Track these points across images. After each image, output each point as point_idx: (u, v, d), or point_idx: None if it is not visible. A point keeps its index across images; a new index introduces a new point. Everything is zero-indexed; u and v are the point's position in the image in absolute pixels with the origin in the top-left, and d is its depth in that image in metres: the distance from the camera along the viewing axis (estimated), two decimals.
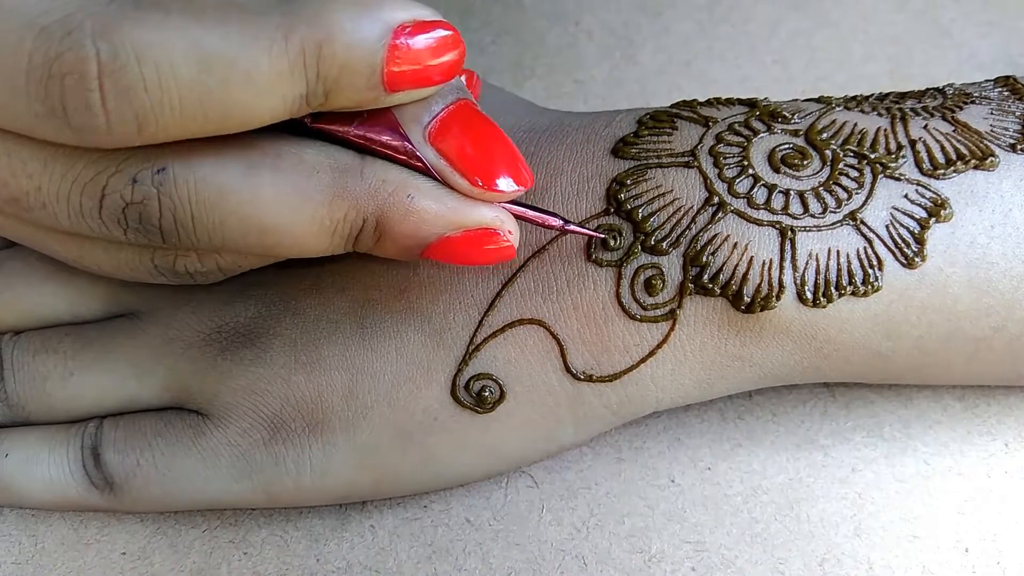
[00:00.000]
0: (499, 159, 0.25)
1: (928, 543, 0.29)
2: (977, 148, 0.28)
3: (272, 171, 0.23)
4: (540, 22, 0.43)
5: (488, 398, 0.28)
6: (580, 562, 0.29)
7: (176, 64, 0.20)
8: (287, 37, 0.21)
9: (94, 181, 0.23)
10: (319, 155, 0.24)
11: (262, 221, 0.23)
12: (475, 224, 0.25)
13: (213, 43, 0.21)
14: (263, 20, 0.21)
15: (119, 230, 0.24)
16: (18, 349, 0.30)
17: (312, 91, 0.22)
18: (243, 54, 0.21)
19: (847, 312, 0.27)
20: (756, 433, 0.32)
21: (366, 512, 0.31)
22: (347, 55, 0.21)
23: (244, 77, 0.21)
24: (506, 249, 0.25)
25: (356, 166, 0.24)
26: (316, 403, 0.28)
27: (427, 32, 0.22)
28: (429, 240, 0.25)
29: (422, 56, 0.22)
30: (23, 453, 0.29)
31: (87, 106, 0.21)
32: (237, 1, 0.21)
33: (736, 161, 0.28)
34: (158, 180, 0.23)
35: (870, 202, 0.27)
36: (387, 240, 0.25)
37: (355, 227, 0.24)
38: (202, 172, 0.23)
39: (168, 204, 0.23)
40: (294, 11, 0.21)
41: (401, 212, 0.24)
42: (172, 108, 0.21)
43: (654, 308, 0.27)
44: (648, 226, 0.27)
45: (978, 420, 0.32)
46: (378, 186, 0.24)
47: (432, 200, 0.24)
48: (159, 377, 0.29)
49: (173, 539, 0.30)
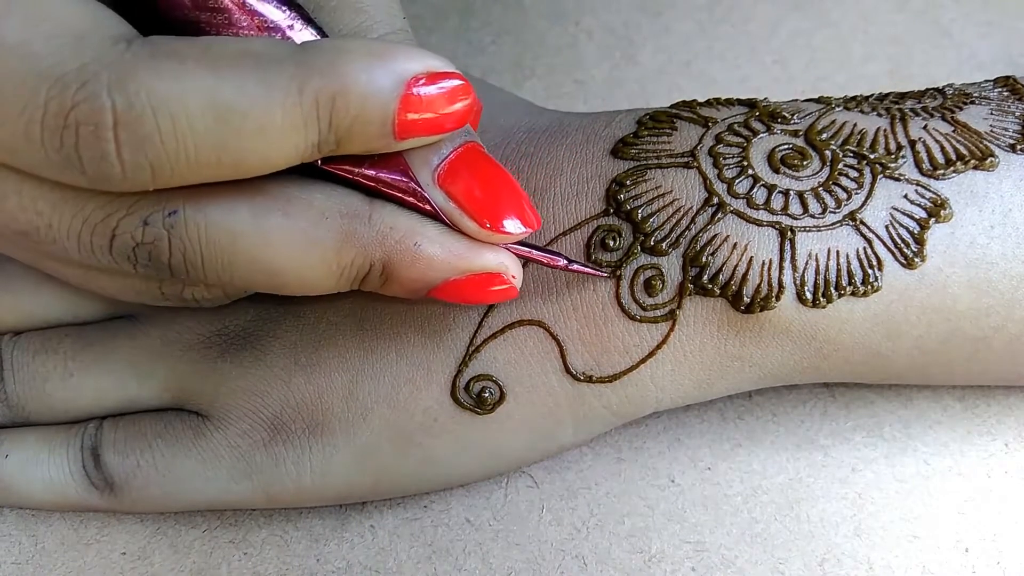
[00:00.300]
0: (506, 201, 0.25)
1: (928, 543, 0.29)
2: (977, 148, 0.28)
3: (282, 215, 0.23)
4: (540, 22, 0.43)
5: (488, 399, 0.28)
6: (580, 562, 0.29)
7: (192, 115, 0.21)
8: (301, 89, 0.21)
9: (105, 222, 0.23)
10: (328, 200, 0.24)
11: (271, 264, 0.24)
12: (480, 269, 0.25)
13: (228, 94, 0.21)
14: (278, 70, 0.21)
15: (128, 265, 0.24)
16: (18, 350, 0.30)
17: (324, 139, 0.22)
18: (258, 106, 0.21)
19: (847, 312, 0.27)
20: (756, 433, 0.32)
21: (366, 512, 0.31)
22: (361, 106, 0.22)
23: (258, 128, 0.21)
24: (508, 291, 0.26)
25: (365, 212, 0.24)
26: (316, 404, 0.28)
27: (439, 83, 0.23)
28: (435, 284, 0.25)
29: (434, 105, 0.23)
30: (23, 454, 0.29)
31: (102, 156, 0.21)
32: (253, 50, 0.21)
33: (736, 161, 0.28)
34: (169, 223, 0.23)
35: (870, 202, 0.27)
36: (393, 283, 0.25)
37: (362, 271, 0.24)
38: (213, 215, 0.23)
39: (178, 245, 0.23)
40: (309, 61, 0.21)
41: (408, 258, 0.24)
42: (187, 157, 0.21)
43: (654, 308, 0.27)
44: (648, 226, 0.27)
45: (978, 420, 0.32)
46: (386, 232, 0.24)
47: (439, 247, 0.24)
48: (159, 378, 0.29)
49: (173, 539, 0.30)
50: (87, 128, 0.20)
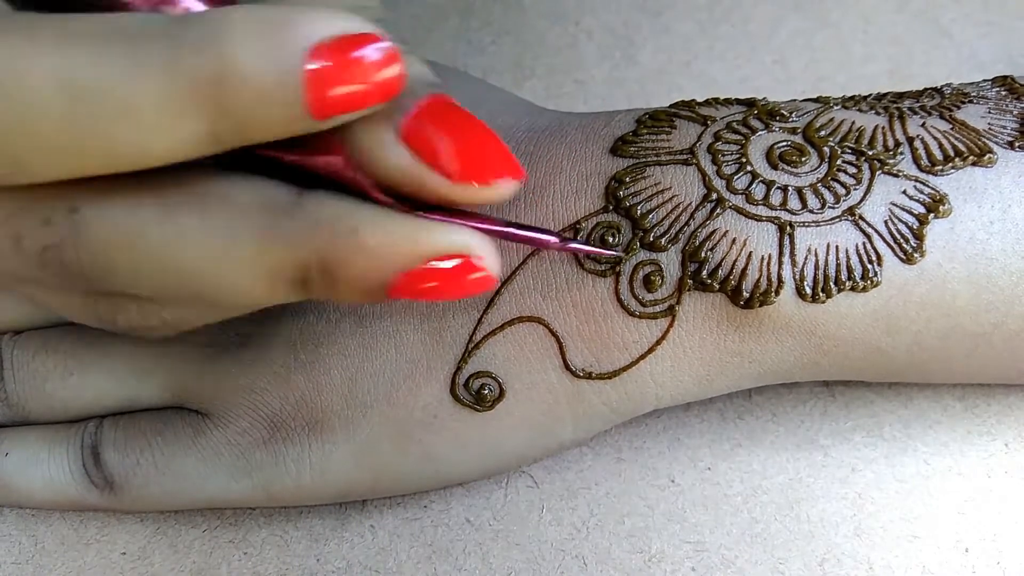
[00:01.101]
0: (488, 153, 0.21)
1: (928, 543, 0.29)
2: (975, 145, 0.28)
3: (193, 212, 0.21)
4: (540, 22, 0.44)
5: (488, 396, 0.28)
6: (580, 562, 0.29)
7: (42, 95, 0.18)
8: (173, 67, 0.18)
9: (8, 223, 0.21)
10: (249, 193, 0.21)
11: (184, 268, 0.21)
12: (438, 251, 0.21)
13: (79, 71, 0.18)
14: (145, 47, 0.18)
15: (46, 273, 0.21)
16: (18, 349, 0.30)
17: (220, 128, 0.19)
18: (116, 85, 0.18)
19: (846, 307, 0.27)
20: (756, 433, 0.32)
21: (366, 512, 0.31)
22: (255, 87, 0.18)
23: (121, 111, 0.18)
24: (482, 279, 0.22)
25: (288, 204, 0.21)
26: (315, 402, 0.28)
27: (355, 48, 0.19)
28: (388, 278, 0.21)
29: (352, 76, 0.19)
30: (23, 453, 0.29)
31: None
32: (121, 25, 0.18)
33: (734, 158, 0.28)
34: (72, 220, 0.21)
35: (868, 198, 0.27)
36: (339, 283, 0.21)
37: (296, 274, 0.21)
38: (116, 212, 0.21)
39: (85, 246, 0.21)
40: (181, 35, 0.18)
41: (345, 252, 0.21)
42: (46, 143, 0.19)
43: (653, 305, 0.27)
44: (647, 223, 0.27)
45: (978, 420, 0.32)
46: (314, 224, 0.21)
47: (381, 231, 0.21)
48: (159, 377, 0.29)
49: (173, 539, 0.30)
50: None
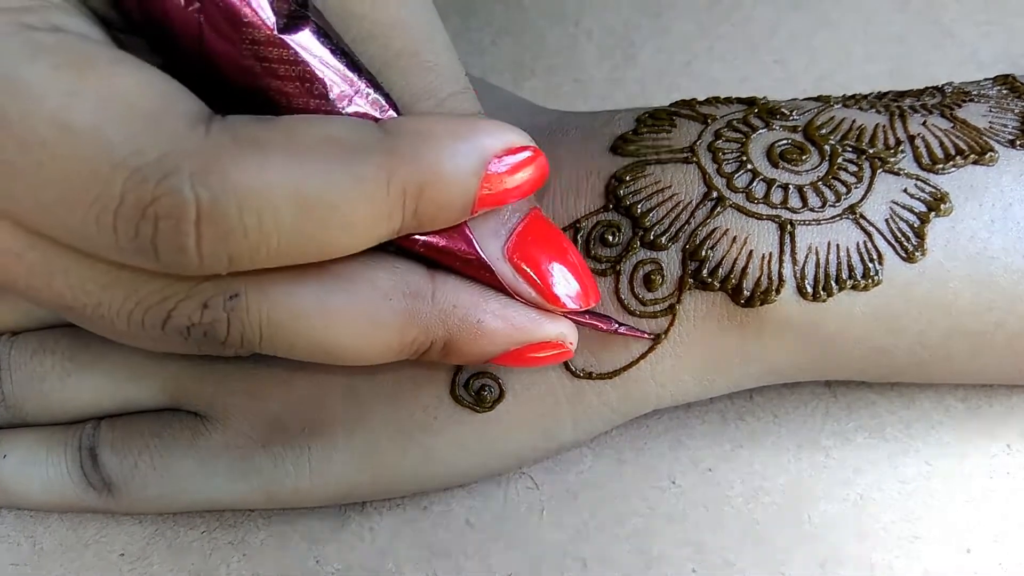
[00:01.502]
0: (573, 275, 0.25)
1: (930, 544, 0.29)
2: (976, 144, 0.28)
3: (346, 296, 0.23)
4: (540, 22, 0.43)
5: (487, 396, 0.28)
6: (581, 564, 0.29)
7: (278, 210, 0.20)
8: (390, 180, 0.20)
9: (161, 305, 0.22)
10: (392, 279, 0.23)
11: (333, 344, 0.23)
12: (541, 340, 0.25)
13: (316, 188, 0.20)
14: (364, 159, 0.20)
15: (179, 340, 0.23)
16: (16, 350, 0.30)
17: (406, 225, 0.22)
18: (347, 199, 0.20)
19: (847, 306, 0.27)
20: (757, 434, 0.32)
21: (365, 513, 0.31)
22: (447, 194, 0.21)
23: (344, 221, 0.20)
24: (564, 354, 0.26)
25: (428, 291, 0.24)
26: (315, 403, 0.28)
27: (515, 156, 0.22)
28: (495, 355, 0.25)
29: (511, 179, 0.22)
30: (21, 454, 0.29)
31: (180, 248, 0.20)
32: (336, 136, 0.20)
33: (735, 156, 0.28)
34: (230, 306, 0.22)
35: (869, 196, 0.27)
36: (453, 356, 0.25)
37: (422, 348, 0.24)
38: (276, 297, 0.22)
39: (237, 327, 0.22)
40: (395, 148, 0.21)
41: (470, 335, 0.24)
42: (268, 249, 0.20)
43: (653, 303, 0.27)
44: (647, 221, 0.27)
45: (980, 421, 0.32)
46: (449, 311, 0.24)
47: (501, 321, 0.24)
48: (157, 379, 0.29)
49: (172, 540, 0.30)
50: (167, 222, 0.19)
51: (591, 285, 0.25)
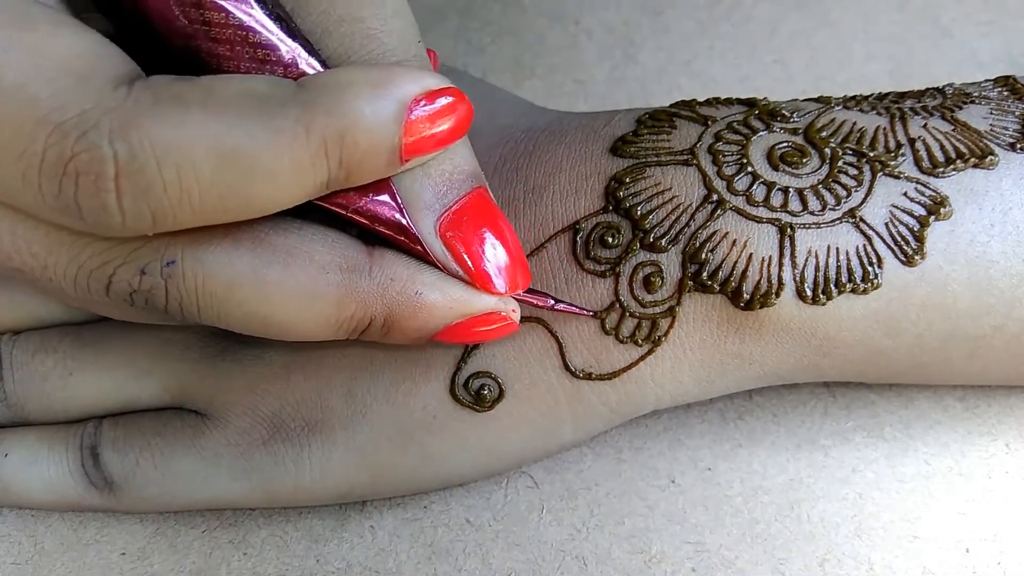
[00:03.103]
0: (503, 260, 0.25)
1: (929, 543, 0.29)
2: (976, 147, 0.28)
3: (282, 268, 0.23)
4: (540, 22, 0.43)
5: (487, 396, 0.28)
6: (580, 563, 0.29)
7: (197, 163, 0.20)
8: (308, 130, 0.21)
9: (101, 269, 0.22)
10: (329, 253, 0.23)
11: (268, 316, 0.23)
12: (481, 312, 0.25)
13: (235, 140, 0.20)
14: (283, 112, 0.20)
15: (125, 306, 0.23)
16: (17, 349, 0.30)
17: (334, 177, 0.22)
18: (266, 151, 0.20)
19: (847, 309, 0.27)
20: (756, 434, 0.32)
21: (366, 512, 0.31)
22: (369, 140, 0.21)
23: (266, 173, 0.21)
24: (509, 326, 0.26)
25: (365, 265, 0.24)
26: (315, 402, 0.28)
27: (436, 100, 0.22)
28: (436, 330, 0.25)
29: (434, 124, 0.22)
30: (22, 453, 0.29)
31: (103, 206, 0.20)
32: (256, 90, 0.21)
33: (735, 159, 0.28)
34: (166, 272, 0.22)
35: (869, 200, 0.27)
36: (395, 333, 0.25)
37: (362, 324, 0.24)
38: (211, 266, 0.22)
39: (175, 295, 0.23)
40: (312, 100, 0.21)
41: (409, 309, 0.24)
42: (191, 204, 0.20)
43: (653, 305, 0.27)
44: (647, 223, 0.27)
45: (979, 420, 0.32)
46: (386, 285, 0.24)
47: (439, 293, 0.24)
48: (158, 377, 0.29)
49: (173, 540, 0.30)
50: (87, 178, 0.20)
51: (523, 270, 0.25)
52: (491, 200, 0.25)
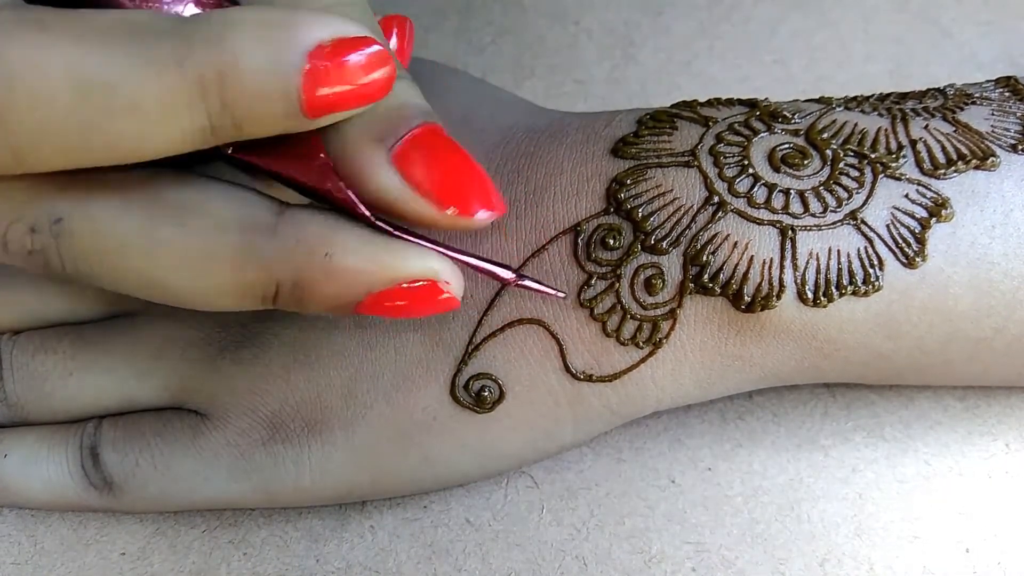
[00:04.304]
0: (471, 184, 0.22)
1: (929, 543, 0.29)
2: (978, 148, 0.28)
3: (175, 227, 0.21)
4: (540, 22, 0.43)
5: (487, 398, 0.28)
6: (580, 563, 0.29)
7: (53, 89, 0.19)
8: (181, 63, 0.19)
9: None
10: (230, 211, 0.22)
11: (162, 279, 0.22)
12: (405, 277, 0.22)
13: (93, 67, 0.19)
14: (154, 43, 0.19)
15: (33, 268, 0.22)
16: (17, 349, 0.30)
17: (218, 123, 0.20)
18: (127, 81, 0.19)
19: (848, 312, 0.27)
20: (756, 434, 0.32)
21: (366, 512, 0.31)
22: (256, 83, 0.19)
23: (129, 106, 0.19)
24: (446, 301, 0.23)
25: (269, 224, 0.22)
26: (315, 403, 0.28)
27: (350, 51, 0.20)
28: (357, 299, 0.23)
29: (347, 77, 0.20)
30: (22, 453, 0.29)
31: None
32: (131, 20, 0.19)
33: (736, 160, 0.28)
34: (55, 230, 0.21)
35: (871, 201, 0.27)
36: (309, 302, 0.22)
37: (268, 291, 0.22)
38: (101, 224, 0.21)
39: (67, 253, 0.22)
40: (192, 33, 0.19)
41: (320, 274, 0.22)
42: (50, 137, 0.19)
43: (654, 308, 0.27)
44: (648, 225, 0.27)
45: (979, 421, 0.32)
46: (292, 246, 0.22)
47: (354, 256, 0.22)
48: (158, 377, 0.29)
49: (172, 540, 0.30)
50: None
51: (495, 196, 0.23)
52: (446, 134, 0.23)
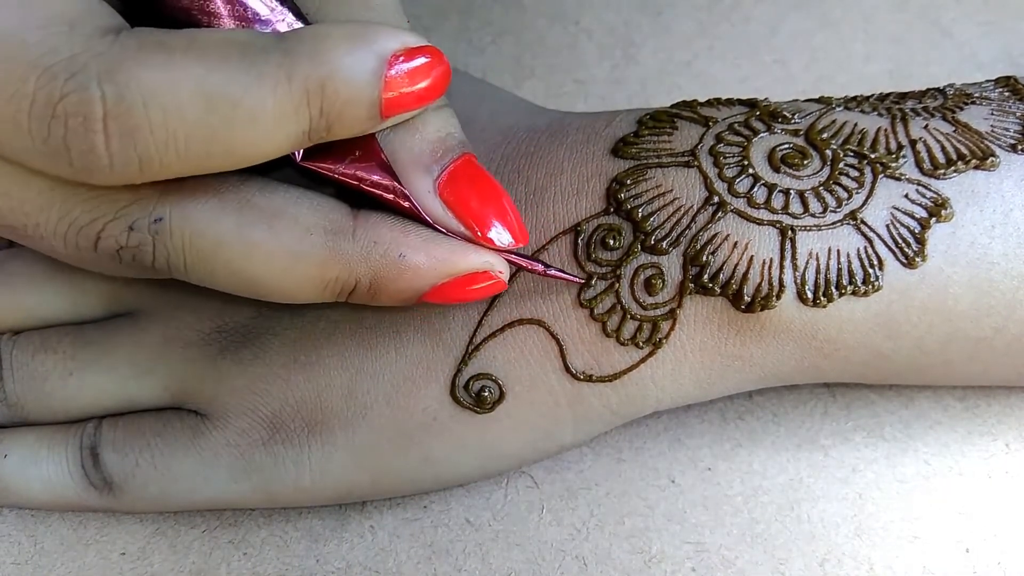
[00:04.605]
0: (499, 214, 0.25)
1: (929, 543, 0.29)
2: (978, 148, 0.28)
3: (267, 229, 0.23)
4: (540, 22, 0.43)
5: (487, 398, 0.28)
6: (580, 562, 0.29)
7: (182, 105, 0.21)
8: (290, 76, 0.21)
9: (91, 226, 0.23)
10: (314, 215, 0.24)
11: (253, 276, 0.24)
12: (467, 271, 0.25)
13: (218, 84, 0.21)
14: (264, 59, 0.21)
15: (113, 263, 0.24)
16: (17, 349, 0.30)
17: (315, 127, 0.22)
18: (248, 95, 0.21)
19: (847, 312, 0.27)
20: (756, 433, 0.32)
21: (366, 512, 0.31)
22: (349, 90, 0.22)
23: (249, 117, 0.21)
24: (496, 284, 0.26)
25: (349, 227, 0.24)
26: (315, 403, 0.28)
27: (416, 58, 0.23)
28: (423, 291, 0.25)
29: (413, 81, 0.23)
30: (22, 453, 0.29)
31: (91, 148, 0.21)
32: (238, 40, 0.21)
33: (736, 161, 0.28)
34: (154, 229, 0.23)
35: (870, 202, 0.27)
36: (382, 295, 0.25)
37: (347, 286, 0.25)
38: (198, 224, 0.23)
39: (162, 251, 0.23)
40: (294, 48, 0.21)
41: (394, 271, 0.25)
42: (176, 148, 0.21)
43: (654, 308, 0.27)
44: (648, 225, 0.27)
45: (979, 420, 0.32)
46: (370, 248, 0.24)
47: (423, 255, 0.25)
48: (158, 377, 0.29)
49: (172, 539, 0.30)
50: (76, 119, 0.20)
51: (521, 228, 0.26)
52: (479, 165, 0.26)
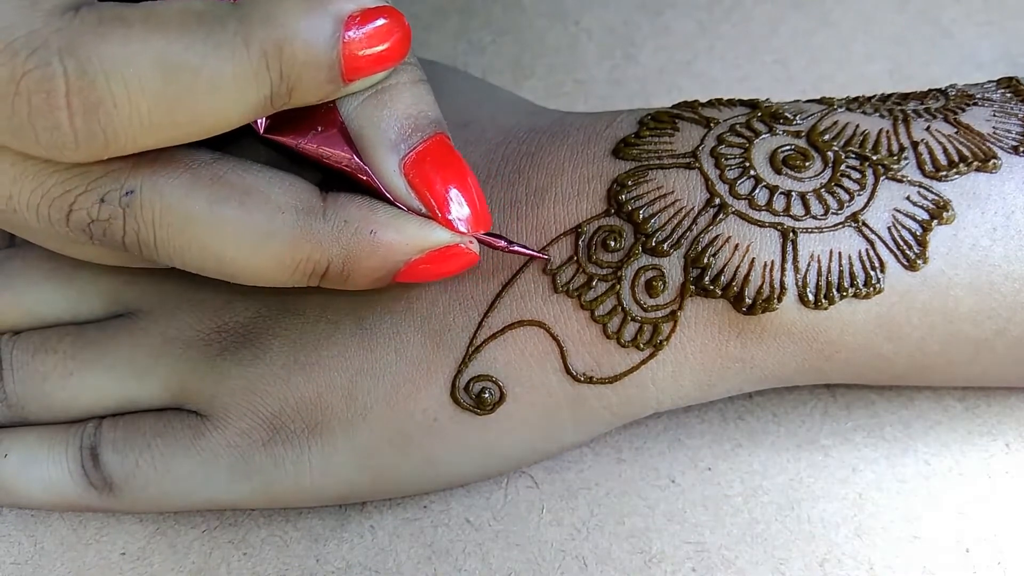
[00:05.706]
0: (467, 199, 0.25)
1: (929, 544, 0.29)
2: (979, 150, 0.28)
3: (238, 206, 0.24)
4: (540, 22, 0.43)
5: (488, 399, 0.28)
6: (580, 562, 0.29)
7: (143, 77, 0.21)
8: (247, 42, 0.22)
9: (62, 198, 0.23)
10: (285, 195, 0.24)
11: (222, 253, 0.24)
12: (437, 245, 0.25)
13: (177, 53, 0.21)
14: (221, 26, 0.21)
15: (85, 238, 0.24)
16: (18, 349, 0.30)
17: (276, 91, 0.22)
18: (207, 63, 0.21)
19: (848, 314, 0.27)
20: (756, 433, 0.32)
21: (366, 513, 0.31)
22: (307, 53, 0.22)
23: (210, 85, 0.21)
24: (468, 256, 0.26)
25: (318, 207, 0.24)
26: (315, 404, 0.28)
27: (374, 20, 0.23)
28: (397, 268, 0.25)
29: (373, 43, 0.23)
30: (22, 453, 0.29)
31: (56, 125, 0.21)
32: (194, 9, 0.22)
33: (738, 162, 0.28)
34: (125, 202, 0.23)
35: (872, 204, 0.27)
36: (356, 275, 0.25)
37: (319, 267, 0.25)
38: (169, 198, 0.23)
39: (132, 225, 0.24)
40: (249, 15, 0.22)
41: (367, 249, 0.25)
42: (140, 121, 0.21)
43: (655, 309, 0.27)
44: (649, 227, 0.27)
45: (979, 421, 0.32)
46: (341, 227, 0.24)
47: (394, 231, 0.25)
48: (158, 377, 0.29)
49: (172, 540, 0.30)
50: (39, 96, 0.20)
51: (484, 212, 0.26)
52: (451, 146, 0.26)
